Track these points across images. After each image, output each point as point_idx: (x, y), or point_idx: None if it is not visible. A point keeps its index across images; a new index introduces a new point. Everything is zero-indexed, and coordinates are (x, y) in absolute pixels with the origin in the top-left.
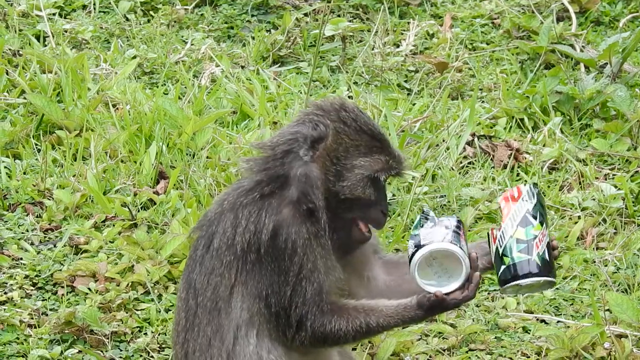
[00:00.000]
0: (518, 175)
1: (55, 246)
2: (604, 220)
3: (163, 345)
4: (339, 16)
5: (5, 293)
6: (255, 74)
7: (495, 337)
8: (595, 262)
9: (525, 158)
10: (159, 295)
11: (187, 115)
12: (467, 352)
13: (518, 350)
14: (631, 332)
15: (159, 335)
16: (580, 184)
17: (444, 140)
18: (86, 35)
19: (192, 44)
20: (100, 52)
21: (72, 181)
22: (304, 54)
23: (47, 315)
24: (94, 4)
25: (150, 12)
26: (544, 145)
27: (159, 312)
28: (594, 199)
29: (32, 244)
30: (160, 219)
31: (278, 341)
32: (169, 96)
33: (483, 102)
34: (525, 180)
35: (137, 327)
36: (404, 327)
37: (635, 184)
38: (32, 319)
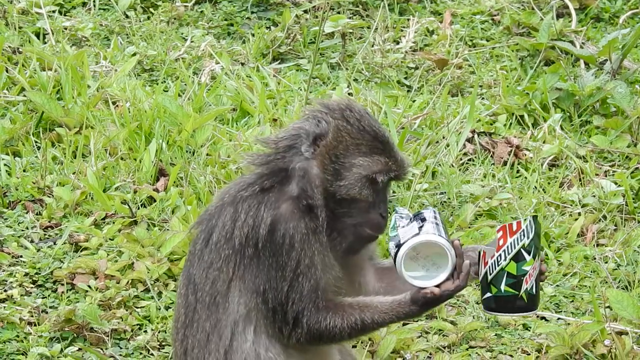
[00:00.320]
0: (518, 172)
1: (55, 244)
2: (604, 217)
3: (163, 343)
4: (338, 13)
5: (5, 291)
6: (255, 71)
7: (496, 334)
8: (595, 259)
9: (525, 155)
10: (159, 292)
11: (187, 113)
12: (467, 349)
13: (518, 348)
14: (631, 329)
15: (158, 332)
16: (580, 180)
17: (443, 137)
18: (86, 33)
19: (192, 41)
20: (100, 50)
21: (72, 179)
22: (303, 51)
23: (47, 312)
24: (94, 1)
25: (150, 9)
26: (544, 142)
27: (159, 309)
28: (594, 196)
29: (32, 241)
30: (160, 216)
31: (275, 338)
32: (168, 93)
33: (483, 98)
34: (521, 217)
35: (137, 324)
36: (399, 322)
37: (635, 181)
38: (32, 316)
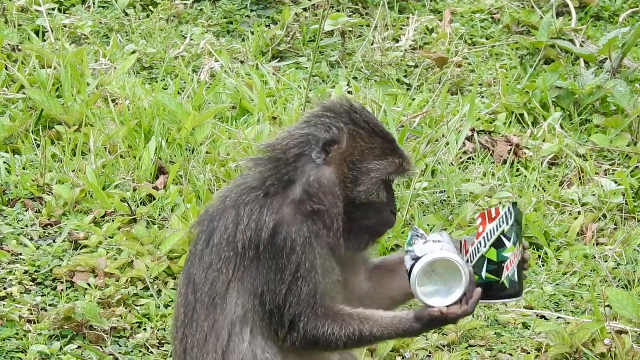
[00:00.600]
0: (518, 170)
1: (54, 242)
2: (604, 216)
3: (162, 341)
4: (338, 11)
5: (5, 289)
6: (255, 69)
7: (495, 333)
8: (595, 258)
9: (525, 153)
10: (158, 291)
11: (186, 111)
12: (467, 348)
13: (518, 347)
14: (631, 328)
15: (158, 331)
16: (580, 179)
17: (443, 136)
18: (85, 31)
19: (191, 39)
20: (100, 47)
21: (72, 176)
22: (303, 49)
23: (46, 310)
24: None
25: (150, 7)
26: (543, 141)
27: (159, 307)
28: (594, 195)
29: (31, 239)
30: (160, 215)
31: (271, 340)
32: (168, 91)
33: (483, 97)
34: (500, 202)
35: (137, 322)
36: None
37: (636, 180)
38: (32, 314)
